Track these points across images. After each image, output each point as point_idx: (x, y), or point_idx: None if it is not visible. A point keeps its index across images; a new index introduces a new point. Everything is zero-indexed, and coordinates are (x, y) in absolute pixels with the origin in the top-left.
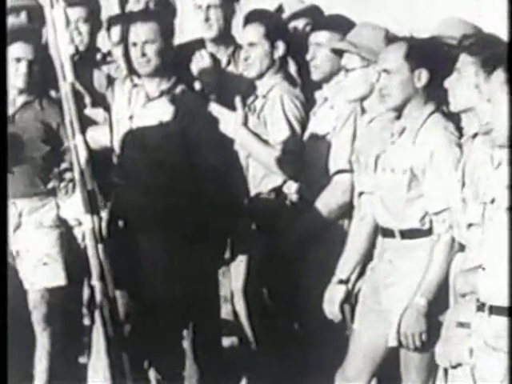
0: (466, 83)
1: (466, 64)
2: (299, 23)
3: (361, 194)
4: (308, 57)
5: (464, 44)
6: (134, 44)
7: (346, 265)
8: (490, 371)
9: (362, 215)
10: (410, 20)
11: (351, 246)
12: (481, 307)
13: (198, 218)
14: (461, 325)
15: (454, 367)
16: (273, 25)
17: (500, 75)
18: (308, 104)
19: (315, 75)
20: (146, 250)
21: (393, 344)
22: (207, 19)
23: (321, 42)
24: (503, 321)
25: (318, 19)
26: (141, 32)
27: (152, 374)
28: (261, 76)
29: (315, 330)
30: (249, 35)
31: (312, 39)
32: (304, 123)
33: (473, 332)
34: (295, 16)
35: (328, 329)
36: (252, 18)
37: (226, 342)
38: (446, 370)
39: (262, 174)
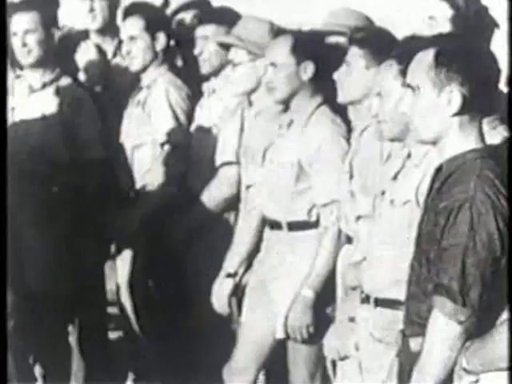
0: (355, 75)
1: (356, 56)
2: (187, 15)
3: (248, 186)
4: (195, 50)
5: (354, 37)
6: (15, 34)
7: (233, 258)
8: (376, 363)
9: (250, 208)
10: (297, 12)
11: (239, 239)
12: (365, 299)
13: (82, 210)
14: (352, 319)
15: (342, 359)
16: (153, 17)
17: (392, 68)
18: (195, 96)
19: (203, 69)
20: (28, 242)
21: (280, 336)
22: (91, 10)
23: (207, 36)
24: (388, 313)
25: (204, 12)
26: (21, 21)
27: (37, 370)
28: (145, 69)
29: (203, 323)
30: (129, 28)
31: (198, 32)
32: (190, 115)
33: (358, 324)
34: (182, 8)
35: (216, 322)
36: (131, 11)
37: (113, 335)
38: (334, 362)
39: (147, 167)
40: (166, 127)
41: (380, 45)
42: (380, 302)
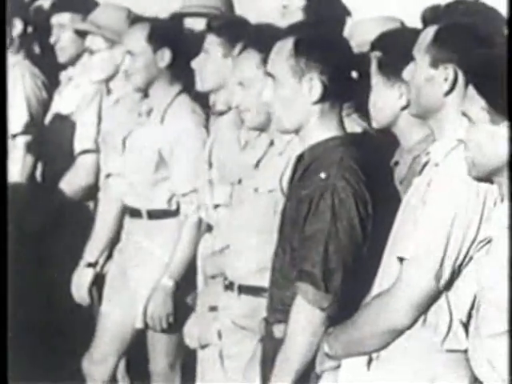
0: (213, 64)
1: (214, 44)
2: (44, 2)
3: (108, 175)
4: (52, 39)
5: (212, 25)
6: None
7: (93, 247)
8: (238, 350)
9: (110, 197)
10: None
11: (99, 228)
12: (229, 287)
13: None
14: (212, 308)
15: (203, 347)
16: (9, 3)
17: (253, 56)
18: (52, 85)
19: (60, 58)
20: None
21: (139, 326)
22: None
23: (63, 23)
24: (251, 300)
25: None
26: None
27: None
28: None
29: (64, 314)
30: None
31: (54, 20)
32: (46, 104)
33: (221, 311)
34: None
35: (77, 313)
36: None
37: None
38: (194, 351)
39: None
40: (20, 117)
41: (237, 33)
42: (244, 290)
